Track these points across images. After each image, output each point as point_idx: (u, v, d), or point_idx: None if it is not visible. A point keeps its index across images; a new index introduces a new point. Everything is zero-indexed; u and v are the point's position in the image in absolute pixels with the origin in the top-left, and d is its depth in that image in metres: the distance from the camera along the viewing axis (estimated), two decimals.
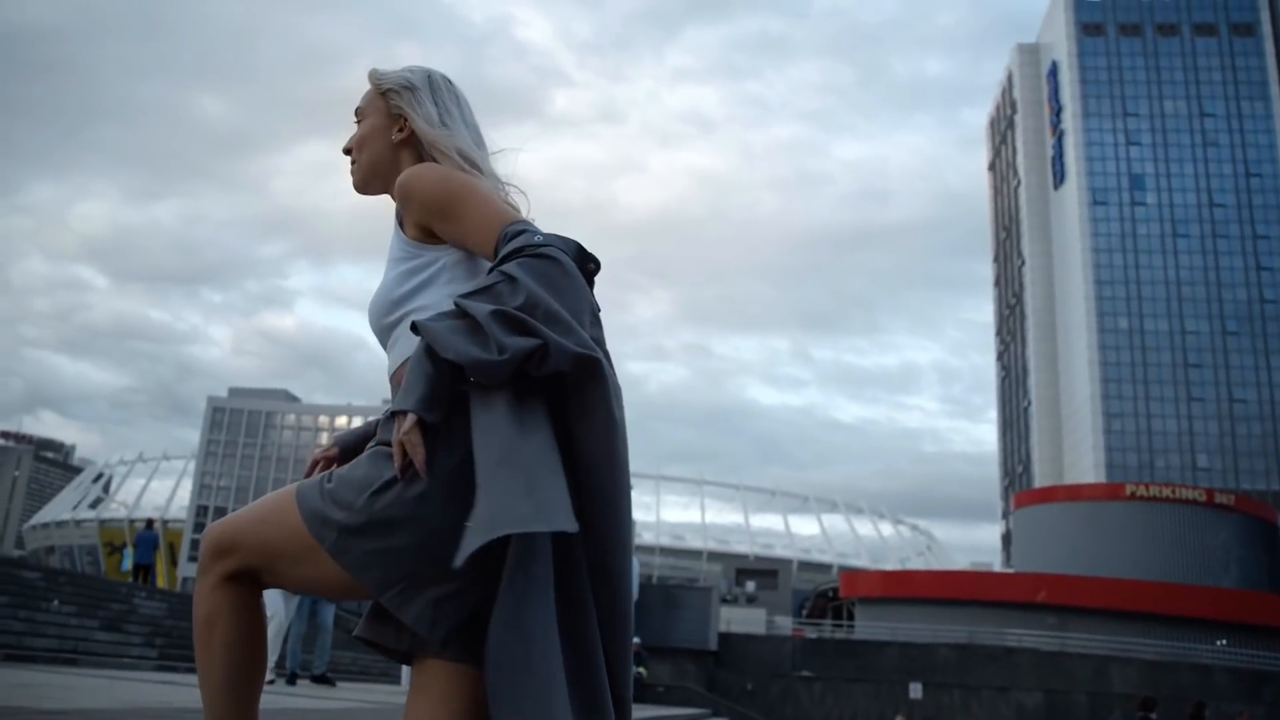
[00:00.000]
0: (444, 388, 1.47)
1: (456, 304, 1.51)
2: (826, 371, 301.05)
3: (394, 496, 1.48)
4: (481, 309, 1.47)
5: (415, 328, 1.51)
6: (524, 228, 1.61)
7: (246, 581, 1.59)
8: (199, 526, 71.44)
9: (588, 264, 1.65)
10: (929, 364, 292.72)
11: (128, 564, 23.35)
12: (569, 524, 1.39)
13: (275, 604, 8.59)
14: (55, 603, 11.48)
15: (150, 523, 23.36)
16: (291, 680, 9.14)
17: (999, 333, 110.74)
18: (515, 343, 1.44)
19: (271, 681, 8.65)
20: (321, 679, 9.39)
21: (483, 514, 1.37)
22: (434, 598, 1.47)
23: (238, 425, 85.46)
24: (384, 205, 1.82)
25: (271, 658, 8.70)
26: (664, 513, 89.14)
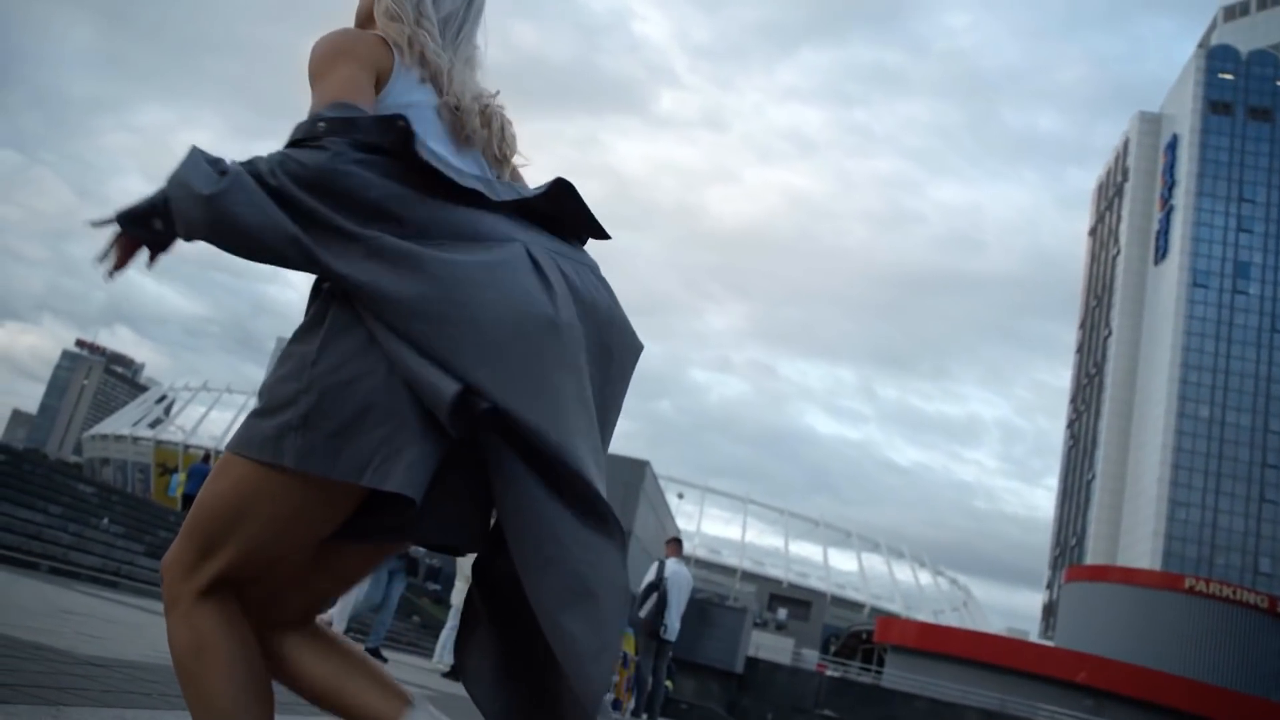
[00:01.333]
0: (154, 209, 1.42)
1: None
2: (888, 410, 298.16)
3: (331, 361, 1.37)
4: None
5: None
6: (327, 115, 1.42)
7: (225, 590, 1.44)
8: None
9: (409, 150, 1.42)
10: (993, 420, 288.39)
11: (175, 489, 23.46)
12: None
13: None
14: (105, 521, 11.35)
15: (207, 456, 23.41)
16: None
17: (1073, 400, 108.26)
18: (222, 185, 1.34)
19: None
20: (374, 653, 8.99)
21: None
22: (411, 459, 1.33)
23: None
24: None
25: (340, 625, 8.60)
26: (705, 524, 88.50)
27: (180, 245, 1.47)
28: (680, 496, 43.06)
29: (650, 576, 10.91)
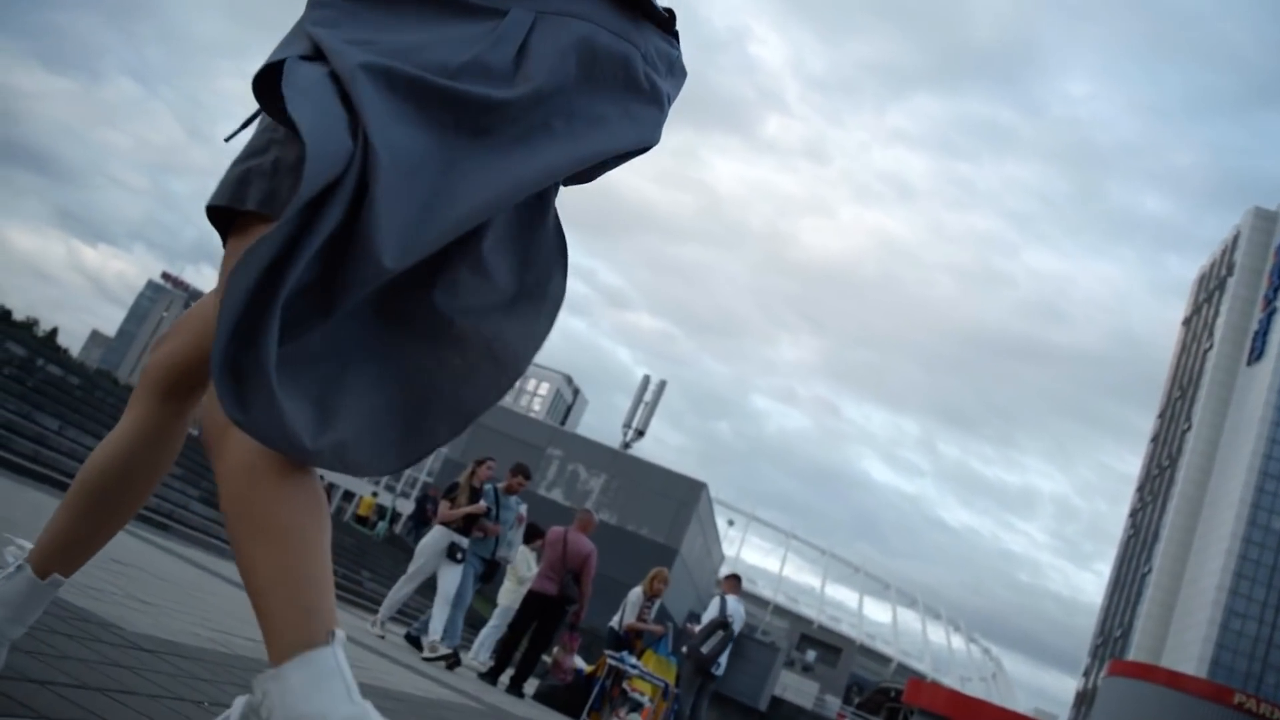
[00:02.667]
0: None
1: None
2: (946, 468, 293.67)
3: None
4: None
5: None
6: None
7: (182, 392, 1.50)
8: None
9: None
10: (1051, 495, 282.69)
11: None
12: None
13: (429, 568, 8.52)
14: None
15: None
16: (453, 663, 8.19)
17: (1140, 489, 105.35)
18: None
19: (434, 658, 8.03)
20: (454, 657, 8.44)
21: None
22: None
23: None
24: (585, 192, 1.49)
25: (437, 632, 8.33)
26: (745, 551, 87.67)
27: None
28: (730, 523, 42.30)
29: (714, 613, 10.56)
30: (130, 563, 4.99)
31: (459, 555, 8.61)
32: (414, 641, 8.76)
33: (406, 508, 40.08)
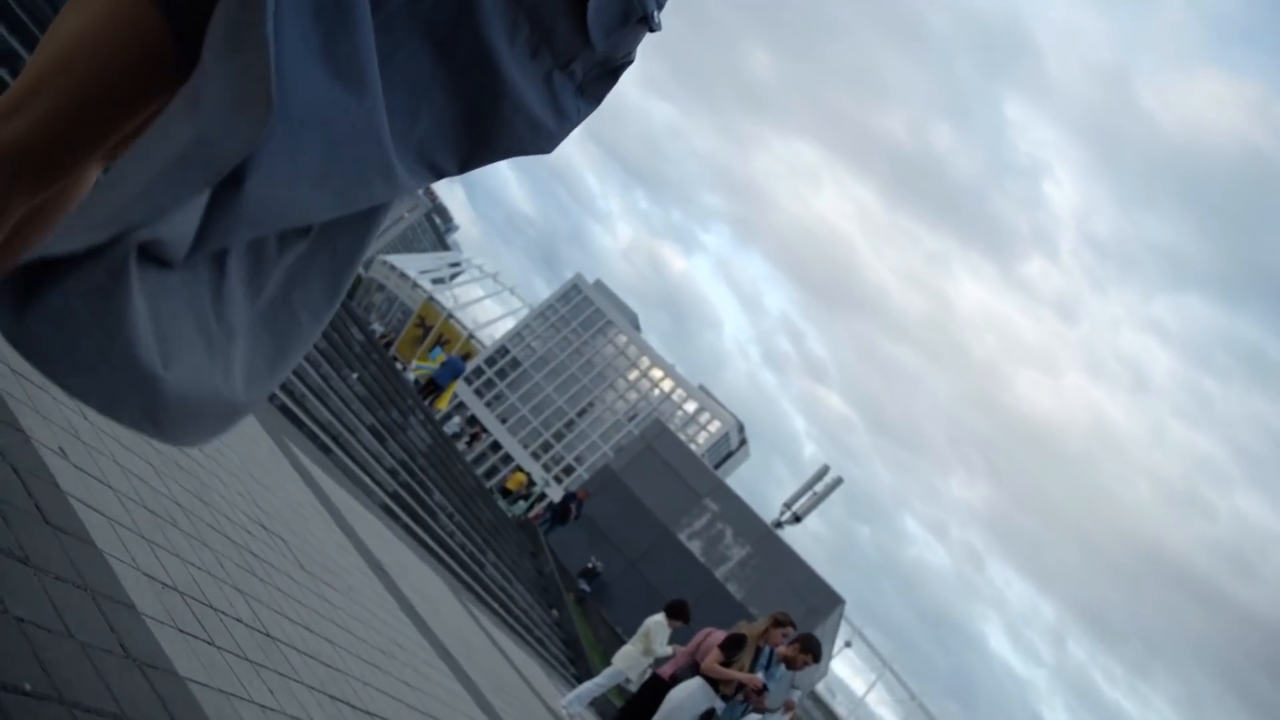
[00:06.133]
0: None
1: None
2: (1067, 669, 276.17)
3: None
4: None
5: None
6: None
7: None
8: (490, 360, 74.01)
9: None
10: None
11: (413, 373, 23.11)
12: None
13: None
14: (355, 376, 10.41)
15: (477, 371, 23.19)
16: None
17: None
18: None
19: None
20: None
21: None
22: None
23: (580, 312, 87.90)
24: (829, 259, 0.77)
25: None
26: (835, 664, 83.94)
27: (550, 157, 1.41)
28: (848, 644, 40.05)
29: None
30: (290, 499, 4.12)
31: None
32: None
33: (556, 493, 39.76)
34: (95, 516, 2.33)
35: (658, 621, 10.25)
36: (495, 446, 65.48)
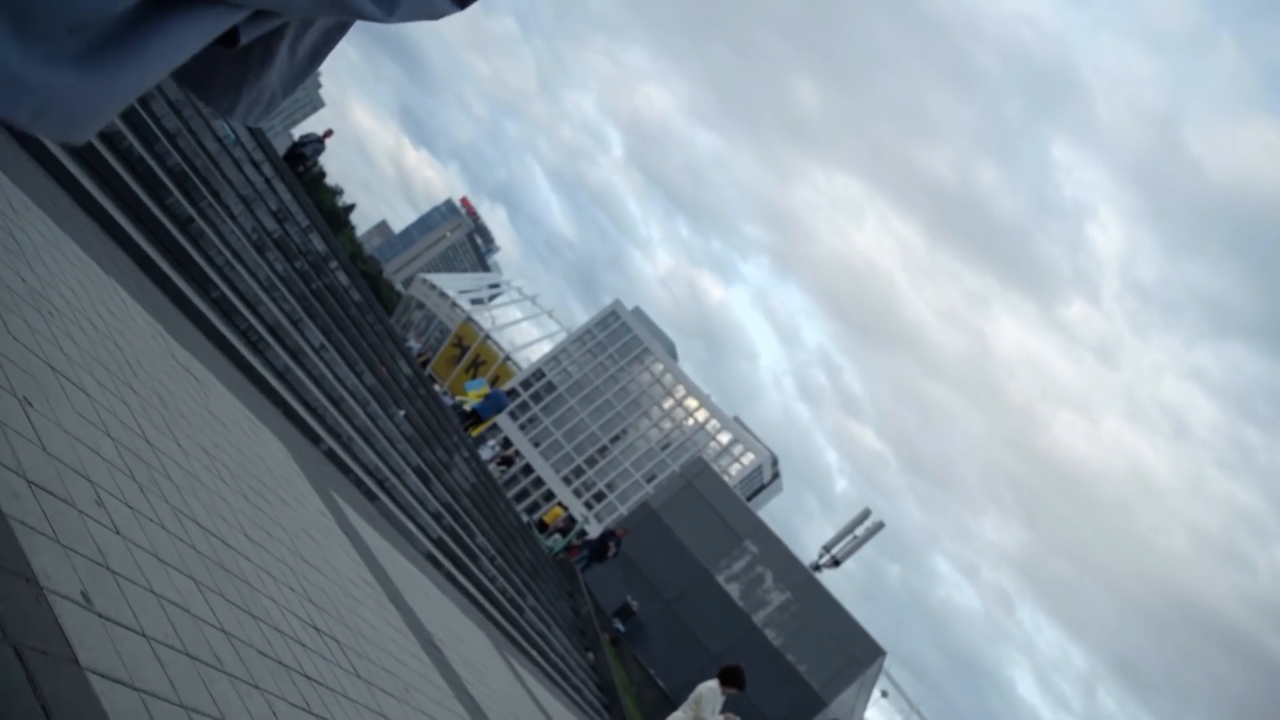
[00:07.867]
0: None
1: None
2: (1096, 718, 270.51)
3: None
4: None
5: None
6: None
7: None
8: (525, 384, 73.67)
9: None
10: None
11: (478, 388, 22.64)
12: None
13: None
14: (402, 414, 9.88)
15: (510, 393, 22.73)
16: None
17: None
18: None
19: None
20: None
21: None
22: None
23: (617, 339, 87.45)
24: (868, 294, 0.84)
25: None
26: (870, 714, 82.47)
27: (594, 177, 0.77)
28: (884, 694, 38.99)
29: None
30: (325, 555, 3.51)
31: None
32: None
33: (594, 529, 38.99)
34: (123, 694, 1.77)
35: (710, 688, 9.66)
36: (527, 470, 65.03)
